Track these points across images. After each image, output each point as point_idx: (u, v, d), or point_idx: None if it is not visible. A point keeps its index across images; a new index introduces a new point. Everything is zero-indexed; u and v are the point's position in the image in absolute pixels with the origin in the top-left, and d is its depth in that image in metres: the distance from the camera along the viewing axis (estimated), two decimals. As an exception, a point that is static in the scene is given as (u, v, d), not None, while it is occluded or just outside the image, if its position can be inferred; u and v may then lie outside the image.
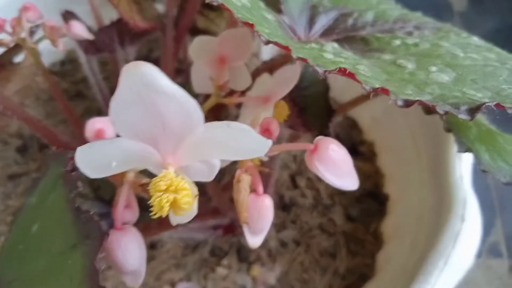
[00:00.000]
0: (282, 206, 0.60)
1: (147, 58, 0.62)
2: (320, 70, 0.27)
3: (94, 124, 0.33)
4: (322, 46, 0.34)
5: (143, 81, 0.21)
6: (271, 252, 0.57)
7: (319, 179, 0.62)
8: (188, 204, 0.22)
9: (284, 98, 0.40)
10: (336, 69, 0.27)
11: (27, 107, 0.66)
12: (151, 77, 0.21)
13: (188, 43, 0.58)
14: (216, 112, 0.43)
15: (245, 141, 0.23)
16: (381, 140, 0.65)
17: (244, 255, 0.56)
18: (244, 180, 0.28)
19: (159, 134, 0.23)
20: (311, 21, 0.41)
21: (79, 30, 0.46)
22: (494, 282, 0.69)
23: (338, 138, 0.66)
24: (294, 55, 0.27)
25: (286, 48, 0.28)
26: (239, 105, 0.47)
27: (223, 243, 0.57)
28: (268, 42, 0.28)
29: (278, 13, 0.41)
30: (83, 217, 0.27)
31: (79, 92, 0.70)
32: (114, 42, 0.53)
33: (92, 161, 0.23)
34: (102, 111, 0.60)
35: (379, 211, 0.60)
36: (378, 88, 0.27)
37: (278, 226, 0.59)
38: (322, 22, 0.41)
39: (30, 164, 0.64)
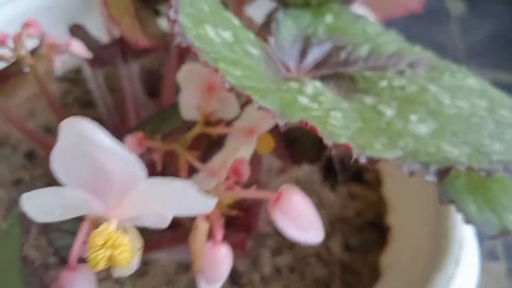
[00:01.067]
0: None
1: (151, 74, 0.62)
2: (280, 123, 0.26)
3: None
4: (303, 86, 0.33)
5: (81, 138, 0.21)
6: (264, 277, 0.56)
7: (321, 205, 0.61)
8: (125, 260, 0.22)
9: (271, 130, 0.39)
10: (297, 121, 0.26)
11: (37, 115, 0.67)
12: (89, 135, 0.21)
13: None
14: (202, 140, 0.42)
15: (187, 199, 0.23)
16: (387, 168, 0.63)
17: (236, 278, 0.56)
18: (200, 228, 0.27)
19: (101, 187, 0.22)
20: (303, 53, 0.40)
21: (78, 48, 0.47)
22: (491, 285, 0.67)
23: (342, 164, 0.65)
24: (255, 104, 0.27)
25: (247, 97, 0.27)
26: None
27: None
28: (231, 89, 0.27)
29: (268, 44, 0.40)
30: (27, 268, 0.26)
31: (90, 101, 0.71)
32: (117, 58, 0.54)
33: (37, 206, 0.23)
34: (107, 124, 0.61)
35: (379, 242, 0.58)
36: (340, 144, 0.26)
37: (274, 250, 0.58)
38: (315, 54, 0.40)
39: (36, 170, 0.65)
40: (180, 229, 0.43)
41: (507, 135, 0.30)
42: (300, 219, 0.28)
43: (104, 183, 0.22)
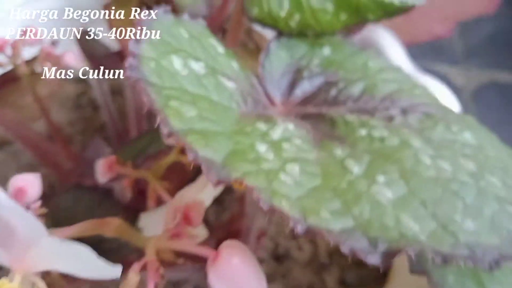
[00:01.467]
0: (276, 256, 0.57)
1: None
2: (213, 177, 0.24)
3: (16, 181, 0.32)
4: (272, 128, 0.30)
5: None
6: (252, 304, 0.54)
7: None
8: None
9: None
10: (237, 177, 0.24)
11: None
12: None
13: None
14: (182, 170, 0.40)
15: (89, 263, 0.21)
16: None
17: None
18: (131, 279, 0.26)
19: (6, 240, 0.21)
20: (292, 87, 0.38)
21: (72, 60, 0.46)
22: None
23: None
24: (190, 155, 0.24)
25: (186, 145, 0.25)
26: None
27: (205, 284, 0.55)
28: (169, 135, 0.25)
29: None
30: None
31: (105, 103, 0.71)
32: (119, 68, 0.53)
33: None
34: (110, 132, 0.60)
35: (377, 280, 0.55)
36: (276, 209, 0.23)
37: (267, 277, 0.55)
38: (304, 89, 0.37)
39: (43, 169, 0.65)
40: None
41: (487, 209, 0.27)
42: (236, 283, 0.26)
43: (8, 236, 0.21)
